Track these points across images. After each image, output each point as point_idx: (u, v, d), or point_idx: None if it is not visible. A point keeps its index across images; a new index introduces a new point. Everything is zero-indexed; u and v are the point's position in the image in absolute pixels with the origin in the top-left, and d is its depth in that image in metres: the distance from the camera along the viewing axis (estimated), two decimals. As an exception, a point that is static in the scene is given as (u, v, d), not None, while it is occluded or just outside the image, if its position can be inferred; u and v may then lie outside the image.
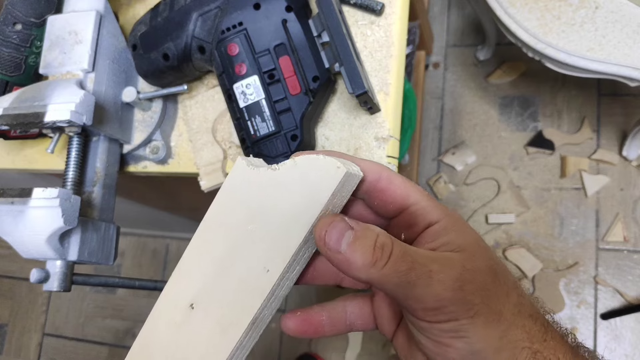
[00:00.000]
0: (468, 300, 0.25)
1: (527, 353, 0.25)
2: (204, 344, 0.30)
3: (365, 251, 0.24)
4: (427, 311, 0.25)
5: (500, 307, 0.26)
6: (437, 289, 0.24)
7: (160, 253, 1.54)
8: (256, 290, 0.28)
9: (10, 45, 0.49)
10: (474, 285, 0.25)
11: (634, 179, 1.21)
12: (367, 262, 0.24)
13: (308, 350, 1.33)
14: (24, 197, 0.42)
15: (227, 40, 0.45)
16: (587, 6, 0.84)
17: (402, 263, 0.24)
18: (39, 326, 1.59)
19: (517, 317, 0.26)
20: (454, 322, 0.24)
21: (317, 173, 0.27)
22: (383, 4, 0.48)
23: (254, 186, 0.29)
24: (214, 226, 0.30)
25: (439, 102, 1.41)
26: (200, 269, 0.30)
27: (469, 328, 0.25)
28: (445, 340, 0.25)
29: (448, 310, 0.24)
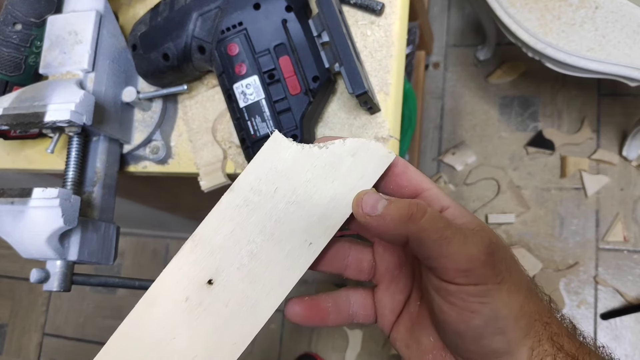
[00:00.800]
0: (497, 266, 0.26)
1: (539, 324, 0.27)
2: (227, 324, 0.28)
3: (401, 207, 0.26)
4: (459, 272, 0.25)
5: (520, 280, 0.27)
6: (471, 250, 0.25)
7: (160, 253, 1.54)
8: (297, 262, 0.28)
9: (10, 45, 0.49)
10: (500, 256, 0.26)
11: (634, 179, 1.21)
12: (404, 215, 0.25)
13: (308, 350, 1.32)
14: (24, 197, 0.42)
15: (227, 40, 0.45)
16: (587, 6, 0.84)
17: (439, 220, 0.26)
18: (39, 326, 1.59)
19: (530, 293, 0.27)
20: (482, 285, 0.25)
21: (367, 156, 0.28)
22: (383, 4, 0.48)
23: (298, 161, 0.29)
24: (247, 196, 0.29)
25: (439, 102, 1.41)
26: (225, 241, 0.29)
27: (495, 294, 0.25)
28: (472, 305, 0.25)
29: (479, 273, 0.25)
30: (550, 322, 0.27)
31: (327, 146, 0.29)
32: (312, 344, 1.33)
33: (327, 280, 1.35)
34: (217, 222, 0.29)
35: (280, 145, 0.29)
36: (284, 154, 0.29)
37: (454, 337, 0.27)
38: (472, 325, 0.26)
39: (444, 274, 0.26)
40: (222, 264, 0.28)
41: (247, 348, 0.29)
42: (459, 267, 0.25)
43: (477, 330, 0.26)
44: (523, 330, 0.26)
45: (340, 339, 1.31)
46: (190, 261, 0.29)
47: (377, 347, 1.28)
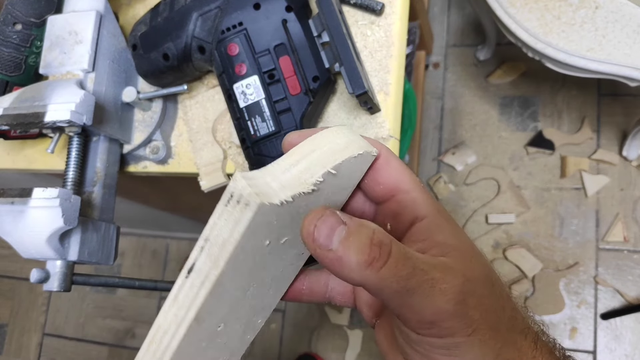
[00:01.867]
0: (469, 315, 0.22)
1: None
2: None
3: (360, 248, 0.21)
4: (423, 324, 0.22)
5: (497, 323, 0.23)
6: (438, 301, 0.22)
7: (160, 253, 1.54)
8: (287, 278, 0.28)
9: (11, 45, 0.49)
10: (475, 299, 0.23)
11: (634, 179, 1.21)
12: (362, 261, 0.21)
13: (308, 350, 1.32)
14: (24, 197, 0.42)
15: (227, 40, 0.45)
16: (587, 6, 0.84)
17: (402, 266, 0.22)
18: (39, 326, 1.59)
19: (510, 334, 0.24)
20: (449, 338, 0.22)
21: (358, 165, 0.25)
22: (383, 4, 0.48)
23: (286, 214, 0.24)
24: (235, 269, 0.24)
25: (439, 102, 1.41)
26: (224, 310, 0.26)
27: (464, 347, 0.22)
28: (436, 357, 0.23)
29: (445, 325, 0.22)
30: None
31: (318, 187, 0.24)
32: (312, 344, 1.33)
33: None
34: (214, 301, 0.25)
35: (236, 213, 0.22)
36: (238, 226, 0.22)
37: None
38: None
39: (406, 322, 0.23)
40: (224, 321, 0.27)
41: (247, 348, 0.29)
42: (423, 319, 0.22)
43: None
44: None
45: (341, 339, 1.31)
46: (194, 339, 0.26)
47: (377, 347, 1.28)
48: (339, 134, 0.25)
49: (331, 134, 0.25)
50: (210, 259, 0.23)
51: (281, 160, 0.24)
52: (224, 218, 0.22)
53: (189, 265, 0.23)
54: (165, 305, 0.25)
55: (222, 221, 0.22)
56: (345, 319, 1.32)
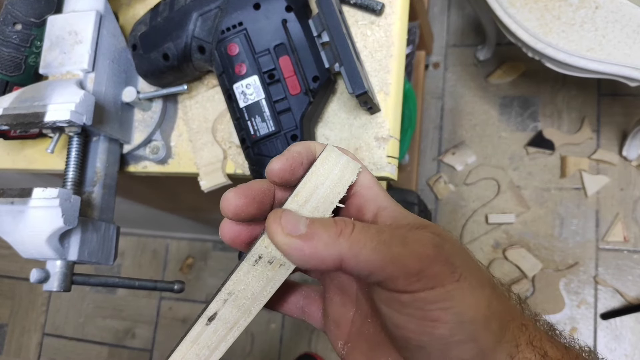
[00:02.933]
0: (450, 261, 0.22)
1: (515, 326, 0.23)
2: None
3: (327, 225, 0.22)
4: (410, 277, 0.22)
5: (479, 273, 0.23)
6: (416, 248, 0.22)
7: (160, 253, 1.54)
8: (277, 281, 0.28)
9: (10, 45, 0.49)
10: (451, 246, 0.23)
11: (634, 179, 1.21)
12: (332, 233, 0.22)
13: (308, 350, 1.32)
14: (24, 197, 0.42)
15: (227, 40, 0.45)
16: (587, 6, 0.84)
17: (370, 228, 0.22)
18: (39, 326, 1.59)
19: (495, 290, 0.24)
20: (440, 288, 0.22)
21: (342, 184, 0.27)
22: (383, 4, 0.48)
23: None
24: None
25: (439, 102, 1.41)
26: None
27: (456, 294, 0.22)
28: (432, 313, 0.22)
29: (432, 273, 0.22)
30: (526, 325, 0.24)
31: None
32: (312, 344, 1.33)
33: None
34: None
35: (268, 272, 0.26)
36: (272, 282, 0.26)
37: (417, 353, 0.23)
38: (436, 335, 0.22)
39: (394, 283, 0.22)
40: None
41: (247, 348, 0.29)
42: (409, 270, 0.22)
43: (443, 341, 0.22)
44: (496, 334, 0.22)
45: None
46: None
47: None
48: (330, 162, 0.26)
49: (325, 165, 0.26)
50: (239, 310, 0.26)
51: (289, 203, 0.25)
52: (253, 276, 0.26)
53: (210, 314, 0.26)
54: (182, 346, 0.27)
55: (251, 278, 0.26)
56: (345, 319, 1.32)
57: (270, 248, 0.25)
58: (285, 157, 0.26)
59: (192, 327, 0.27)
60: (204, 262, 1.48)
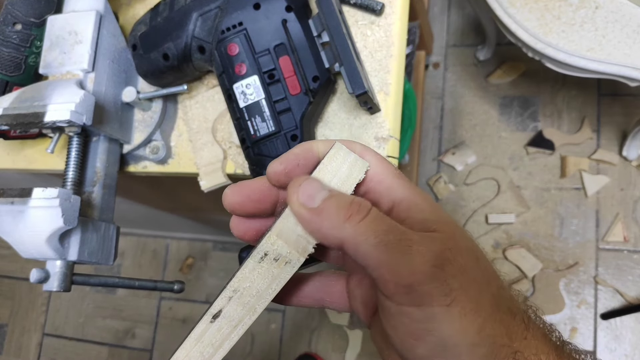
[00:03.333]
0: (447, 283, 0.21)
1: (507, 352, 0.22)
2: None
3: (340, 205, 0.22)
4: (400, 287, 0.21)
5: (479, 296, 0.22)
6: (415, 261, 0.21)
7: (160, 253, 1.54)
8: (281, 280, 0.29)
9: (10, 45, 0.49)
10: (455, 268, 0.22)
11: (634, 179, 1.21)
12: (341, 216, 0.22)
13: (308, 350, 1.32)
14: (24, 197, 0.42)
15: (227, 40, 0.45)
16: (587, 6, 0.84)
17: (380, 222, 0.22)
18: (39, 326, 1.59)
19: (495, 310, 0.23)
20: (427, 307, 0.21)
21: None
22: (383, 4, 0.48)
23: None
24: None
25: (439, 102, 1.41)
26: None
27: (443, 318, 0.21)
28: (414, 331, 0.22)
29: (423, 291, 0.21)
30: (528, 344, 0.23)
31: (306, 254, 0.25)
32: (312, 344, 1.33)
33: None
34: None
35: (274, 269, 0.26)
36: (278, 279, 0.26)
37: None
38: (417, 354, 0.22)
39: (384, 287, 0.22)
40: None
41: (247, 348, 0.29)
42: (400, 281, 0.21)
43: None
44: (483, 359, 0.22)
45: (341, 339, 1.31)
46: None
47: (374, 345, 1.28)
48: (338, 159, 0.26)
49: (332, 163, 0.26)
50: (244, 308, 0.26)
51: None
52: (258, 273, 0.26)
53: (214, 312, 0.26)
54: (185, 344, 0.26)
55: (256, 275, 0.26)
56: (345, 319, 1.32)
57: (276, 245, 0.25)
58: (280, 160, 0.26)
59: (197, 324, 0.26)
60: (204, 262, 1.48)
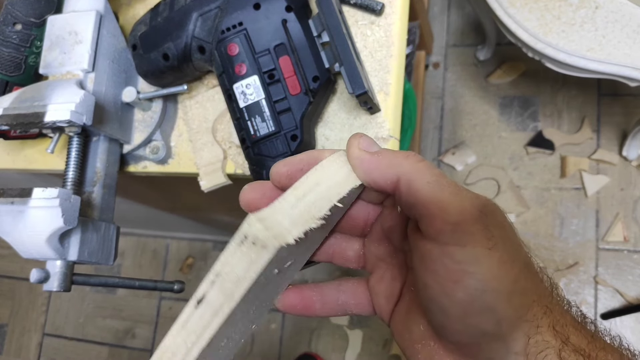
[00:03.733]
0: (489, 229, 0.22)
1: (538, 308, 0.23)
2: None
3: (397, 151, 0.25)
4: (446, 224, 0.22)
5: (515, 251, 0.24)
6: (464, 203, 0.22)
7: (160, 253, 1.54)
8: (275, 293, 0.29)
9: (10, 45, 0.49)
10: (495, 220, 0.23)
11: (634, 179, 1.21)
12: (400, 155, 0.24)
13: (308, 351, 1.33)
14: (24, 197, 0.42)
15: (227, 40, 0.45)
16: (587, 6, 0.84)
17: (434, 168, 0.24)
18: (39, 326, 1.59)
19: (528, 267, 0.24)
20: (469, 247, 0.22)
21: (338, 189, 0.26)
22: (383, 4, 0.48)
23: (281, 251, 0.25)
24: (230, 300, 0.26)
25: (439, 102, 1.41)
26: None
27: (485, 261, 0.22)
28: (455, 274, 0.22)
29: (467, 230, 0.22)
30: (552, 308, 0.23)
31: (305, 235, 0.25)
32: (312, 344, 1.33)
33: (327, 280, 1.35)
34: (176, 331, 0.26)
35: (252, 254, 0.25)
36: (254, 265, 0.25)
37: (439, 316, 0.24)
38: (455, 299, 0.22)
39: (430, 224, 0.23)
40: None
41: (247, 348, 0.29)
42: (448, 217, 0.22)
43: (461, 306, 0.22)
44: (517, 310, 0.22)
45: (341, 339, 1.31)
46: None
47: (377, 347, 1.28)
48: (335, 166, 0.26)
49: (332, 165, 0.26)
50: (223, 293, 0.25)
51: (287, 195, 0.25)
52: (238, 257, 0.25)
53: (199, 296, 0.25)
54: (172, 330, 0.26)
55: (236, 260, 0.25)
56: (345, 319, 1.32)
57: (252, 226, 0.25)
58: (285, 162, 0.27)
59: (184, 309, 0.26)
60: (204, 262, 1.48)
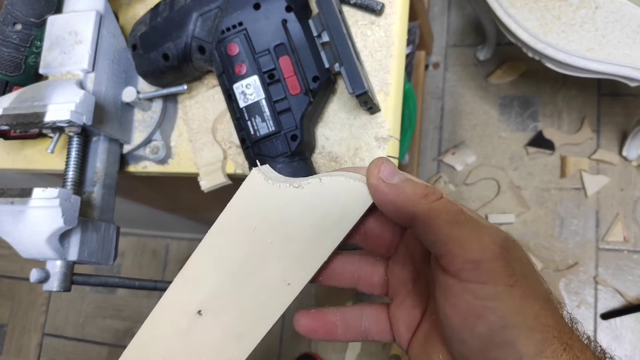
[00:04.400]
0: (511, 265, 0.23)
1: (558, 344, 0.22)
2: (215, 351, 0.30)
3: (417, 186, 0.25)
4: (467, 263, 0.23)
5: (536, 286, 0.24)
6: (484, 239, 0.23)
7: (160, 253, 1.54)
8: (276, 301, 0.29)
9: (10, 45, 0.49)
10: (516, 255, 0.23)
11: (634, 179, 1.21)
12: (418, 193, 0.24)
13: (308, 350, 1.33)
14: (24, 197, 0.42)
15: (227, 40, 0.45)
16: (587, 6, 0.84)
17: (452, 204, 0.24)
18: (39, 326, 1.59)
19: (548, 303, 0.24)
20: (491, 285, 0.22)
21: (347, 196, 0.27)
22: (383, 4, 0.48)
23: (275, 200, 0.29)
24: (228, 235, 0.29)
25: (439, 102, 1.41)
26: (210, 276, 0.30)
27: (505, 298, 0.22)
28: (477, 309, 0.22)
29: (489, 268, 0.22)
30: (572, 345, 0.23)
31: (303, 186, 0.28)
32: (312, 344, 1.33)
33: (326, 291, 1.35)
34: (203, 256, 0.30)
35: (258, 183, 0.29)
36: (261, 190, 0.29)
37: (459, 347, 0.24)
38: (476, 332, 0.23)
39: (451, 262, 0.23)
40: (209, 297, 0.30)
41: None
42: (468, 256, 0.22)
43: (482, 339, 0.23)
44: (537, 346, 0.22)
45: (340, 339, 1.31)
46: (181, 295, 0.31)
47: (377, 348, 1.28)
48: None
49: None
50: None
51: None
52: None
53: None
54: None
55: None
56: (345, 319, 1.32)
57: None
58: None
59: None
60: (204, 262, 1.48)
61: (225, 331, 0.30)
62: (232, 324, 0.30)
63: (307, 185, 0.28)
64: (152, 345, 0.31)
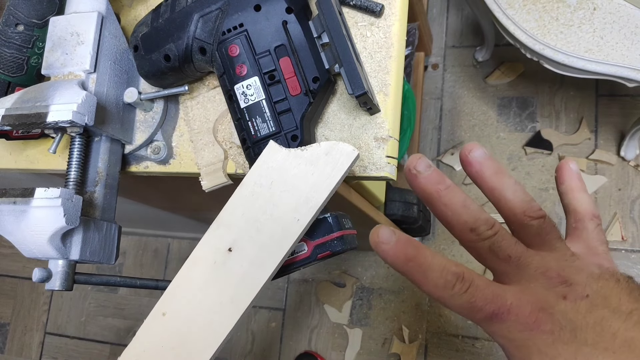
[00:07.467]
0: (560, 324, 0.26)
1: None
2: (243, 278, 0.38)
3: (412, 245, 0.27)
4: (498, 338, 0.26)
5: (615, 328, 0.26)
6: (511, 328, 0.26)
7: (162, 252, 1.55)
8: (289, 233, 0.38)
9: (13, 46, 0.49)
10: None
11: (631, 179, 1.22)
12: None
13: (308, 349, 1.33)
14: (26, 197, 0.42)
15: (228, 41, 0.45)
16: (585, 7, 0.84)
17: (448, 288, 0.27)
18: (41, 325, 1.60)
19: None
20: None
21: (337, 153, 0.38)
22: (382, 6, 0.49)
23: (286, 161, 0.39)
24: (252, 189, 0.39)
25: (438, 102, 1.41)
26: (237, 222, 0.39)
27: None
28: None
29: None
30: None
31: (307, 149, 0.39)
32: (312, 342, 1.33)
33: (326, 279, 1.35)
34: (232, 208, 0.40)
35: (274, 150, 0.41)
36: (276, 156, 0.40)
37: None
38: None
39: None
40: (237, 237, 0.39)
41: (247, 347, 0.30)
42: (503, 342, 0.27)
43: None
44: None
45: (340, 337, 1.32)
46: (215, 235, 0.39)
47: (377, 345, 1.29)
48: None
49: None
50: None
51: None
52: None
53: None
54: None
55: None
56: (345, 318, 1.32)
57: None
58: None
59: None
60: (204, 262, 1.48)
61: (251, 262, 0.38)
62: (255, 257, 0.38)
63: (309, 148, 0.39)
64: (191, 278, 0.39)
